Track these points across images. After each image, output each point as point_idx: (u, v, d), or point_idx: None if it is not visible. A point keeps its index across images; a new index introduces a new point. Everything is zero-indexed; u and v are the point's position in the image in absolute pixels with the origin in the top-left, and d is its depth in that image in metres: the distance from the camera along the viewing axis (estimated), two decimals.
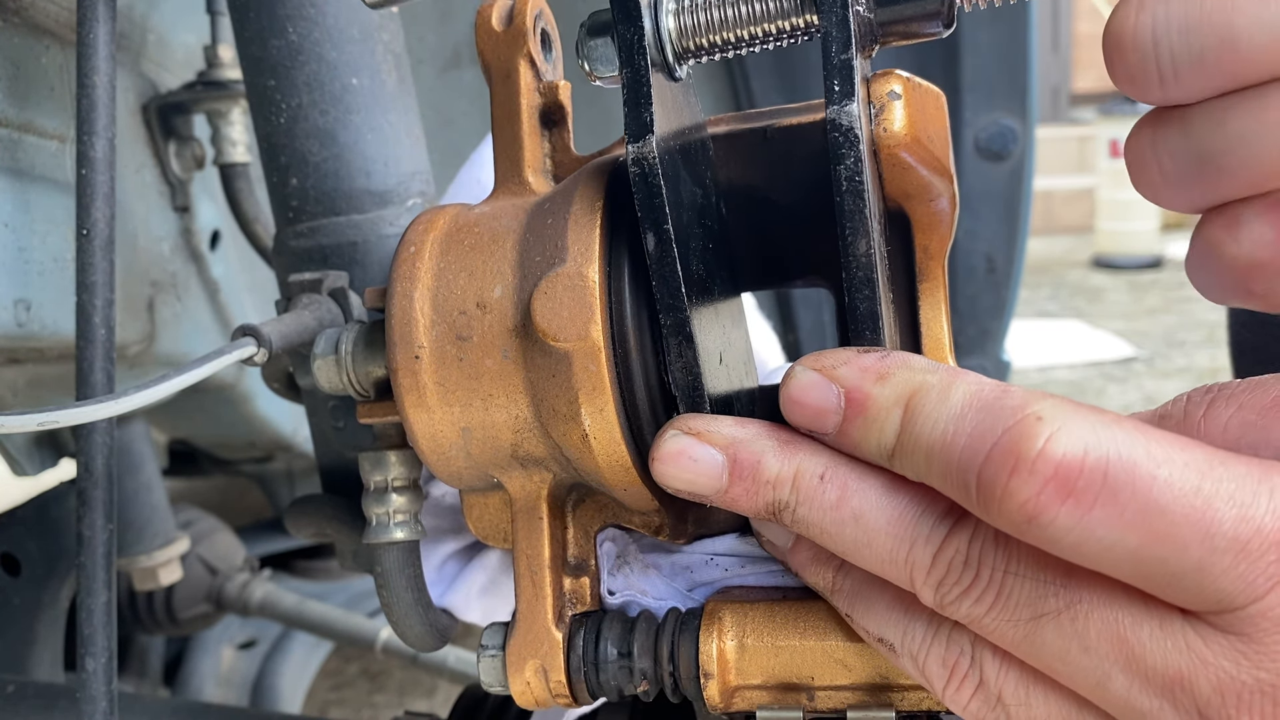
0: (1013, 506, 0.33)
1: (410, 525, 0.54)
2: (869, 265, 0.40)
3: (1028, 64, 1.35)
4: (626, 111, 0.40)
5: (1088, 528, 0.33)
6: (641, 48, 0.40)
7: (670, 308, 0.41)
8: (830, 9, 0.39)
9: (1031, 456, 0.33)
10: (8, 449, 0.99)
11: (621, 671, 0.48)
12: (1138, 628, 0.35)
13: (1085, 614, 0.35)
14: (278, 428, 1.21)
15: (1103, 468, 0.33)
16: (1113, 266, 6.48)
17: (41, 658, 1.14)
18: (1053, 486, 0.33)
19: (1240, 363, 0.87)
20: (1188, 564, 0.33)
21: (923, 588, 0.38)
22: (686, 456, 0.41)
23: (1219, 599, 0.33)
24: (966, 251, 1.41)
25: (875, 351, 0.40)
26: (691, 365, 0.42)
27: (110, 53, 0.60)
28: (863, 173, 0.39)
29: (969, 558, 0.37)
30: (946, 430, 0.36)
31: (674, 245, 0.40)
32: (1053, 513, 0.33)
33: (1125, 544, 0.33)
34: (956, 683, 0.39)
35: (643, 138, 0.40)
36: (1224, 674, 0.33)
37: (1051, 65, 9.56)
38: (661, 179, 0.40)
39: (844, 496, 0.40)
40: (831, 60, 0.39)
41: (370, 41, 0.65)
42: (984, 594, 0.37)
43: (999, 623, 0.37)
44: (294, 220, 0.66)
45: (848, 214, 0.39)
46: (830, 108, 0.39)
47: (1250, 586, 0.32)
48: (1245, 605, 0.33)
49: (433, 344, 0.45)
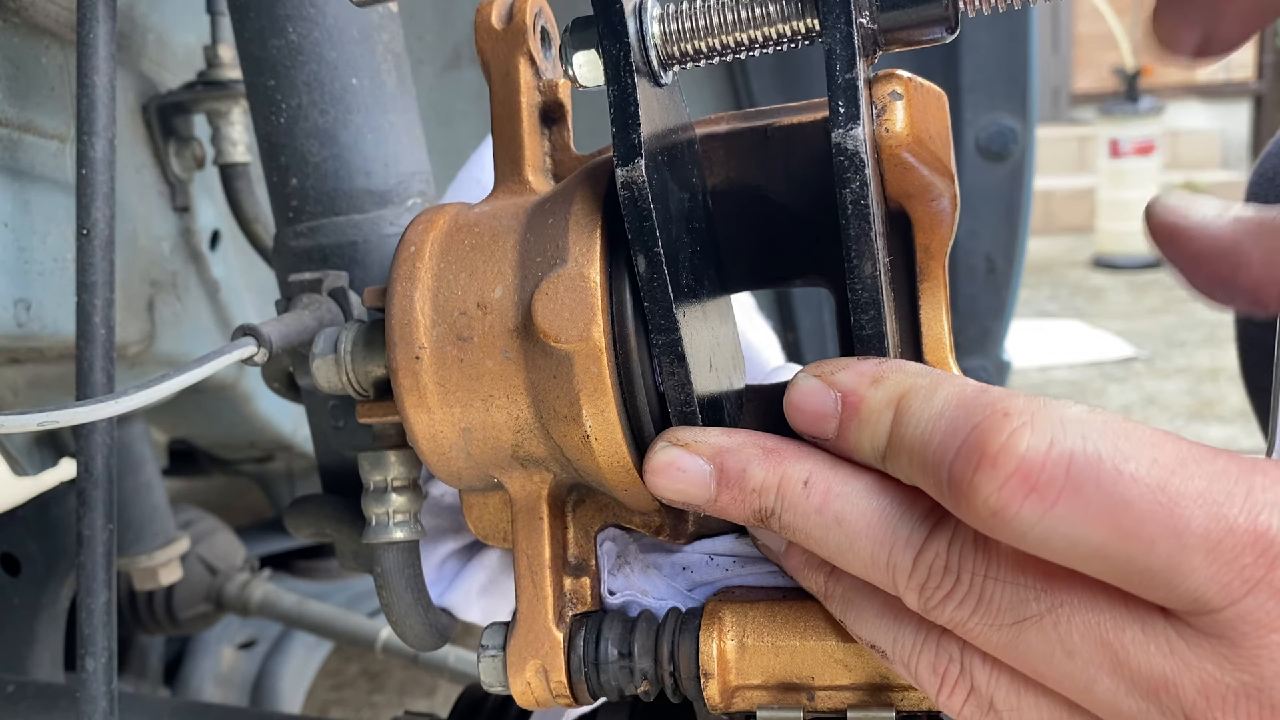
0: (978, 501, 0.34)
1: (410, 525, 0.54)
2: (875, 287, 0.40)
3: (1028, 64, 1.35)
4: (615, 132, 0.39)
5: (1052, 523, 0.33)
6: (628, 64, 0.40)
7: (662, 329, 0.41)
8: (834, 24, 0.38)
9: (995, 450, 0.33)
10: (8, 449, 0.99)
11: (622, 672, 0.48)
12: (1120, 630, 0.35)
13: (1067, 618, 0.35)
14: (278, 428, 1.21)
15: (1065, 462, 0.32)
16: (1113, 266, 6.48)
17: (41, 658, 1.14)
18: (1015, 481, 0.33)
19: (1248, 356, 0.87)
20: (1156, 562, 0.32)
21: (906, 592, 0.38)
22: (676, 468, 0.42)
23: (1195, 600, 0.33)
24: (966, 251, 1.41)
25: (874, 359, 0.41)
26: (684, 382, 0.42)
27: (110, 52, 0.60)
28: (868, 197, 0.38)
29: (949, 562, 0.37)
30: (926, 429, 0.36)
31: (665, 268, 0.40)
32: (1016, 507, 0.33)
33: (1091, 540, 0.33)
34: (949, 689, 0.40)
35: (631, 161, 0.39)
36: (1208, 676, 0.33)
37: (1051, 65, 9.56)
38: (651, 202, 0.39)
39: (826, 501, 0.40)
40: (836, 80, 0.38)
41: (370, 41, 0.65)
42: (965, 599, 0.37)
43: (982, 628, 0.37)
44: (294, 220, 0.66)
45: (853, 238, 0.39)
46: (835, 130, 0.38)
47: (1226, 589, 0.32)
48: (1223, 607, 0.32)
49: (433, 344, 0.45)
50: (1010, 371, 1.54)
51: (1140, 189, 6.39)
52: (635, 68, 0.40)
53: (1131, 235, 6.44)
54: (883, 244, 0.41)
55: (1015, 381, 4.06)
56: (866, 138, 0.38)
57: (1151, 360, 4.46)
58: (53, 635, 1.15)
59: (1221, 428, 3.56)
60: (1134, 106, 6.34)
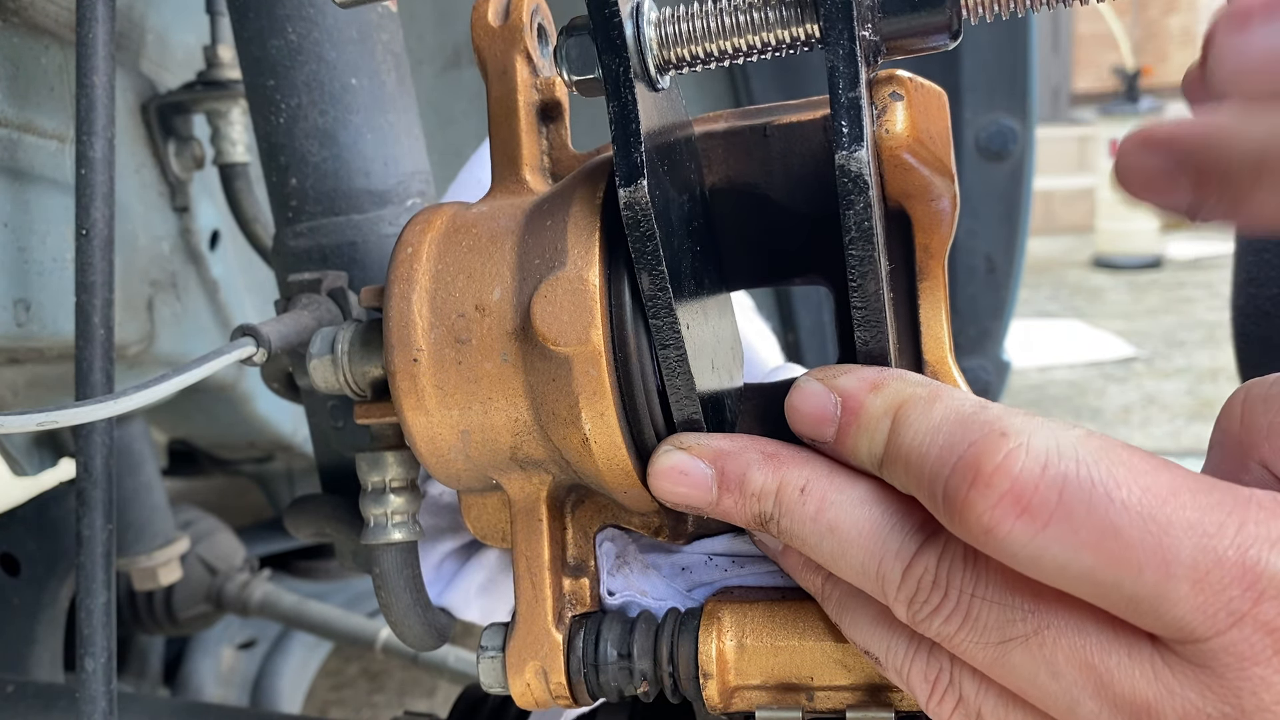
0: (971, 518, 0.34)
1: (408, 526, 0.54)
2: (879, 305, 0.40)
3: (1028, 64, 1.35)
4: (616, 149, 0.39)
5: (1043, 544, 0.33)
6: (628, 80, 0.39)
7: (667, 343, 0.41)
8: (837, 40, 0.38)
9: (990, 470, 0.33)
10: (8, 449, 0.99)
11: (621, 672, 0.48)
12: (1106, 654, 0.35)
13: (1054, 639, 0.35)
14: (277, 428, 1.21)
15: (1059, 485, 0.33)
16: (1113, 266, 6.48)
17: (41, 658, 1.14)
18: (1008, 500, 0.33)
19: (1245, 355, 0.87)
20: (1143, 589, 0.32)
21: (895, 603, 0.39)
22: (679, 471, 0.42)
23: (1180, 629, 0.33)
24: (966, 251, 1.41)
25: (876, 367, 0.41)
26: (688, 388, 0.42)
27: (110, 53, 0.60)
28: (872, 218, 0.38)
29: (937, 577, 0.37)
30: (923, 441, 0.36)
31: (669, 285, 0.40)
32: (1008, 527, 0.33)
33: (1080, 564, 0.33)
34: (938, 698, 0.40)
35: (634, 181, 0.39)
36: (1189, 705, 0.33)
37: (1051, 65, 9.56)
38: (654, 220, 0.39)
39: (822, 509, 0.40)
40: (839, 99, 0.38)
41: (369, 41, 0.65)
42: (952, 615, 0.37)
43: (968, 644, 0.37)
44: (293, 220, 0.66)
45: (858, 259, 0.39)
46: (839, 152, 0.37)
47: (1211, 619, 0.32)
48: (1208, 638, 0.32)
49: (431, 347, 0.45)
50: (1010, 371, 1.54)
51: None
52: (634, 75, 0.39)
53: (1131, 235, 6.45)
54: (883, 250, 0.41)
55: (1015, 381, 4.06)
56: (870, 158, 0.38)
57: (1151, 360, 4.46)
58: (52, 635, 1.15)
59: None
60: (1134, 106, 6.34)
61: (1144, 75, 6.65)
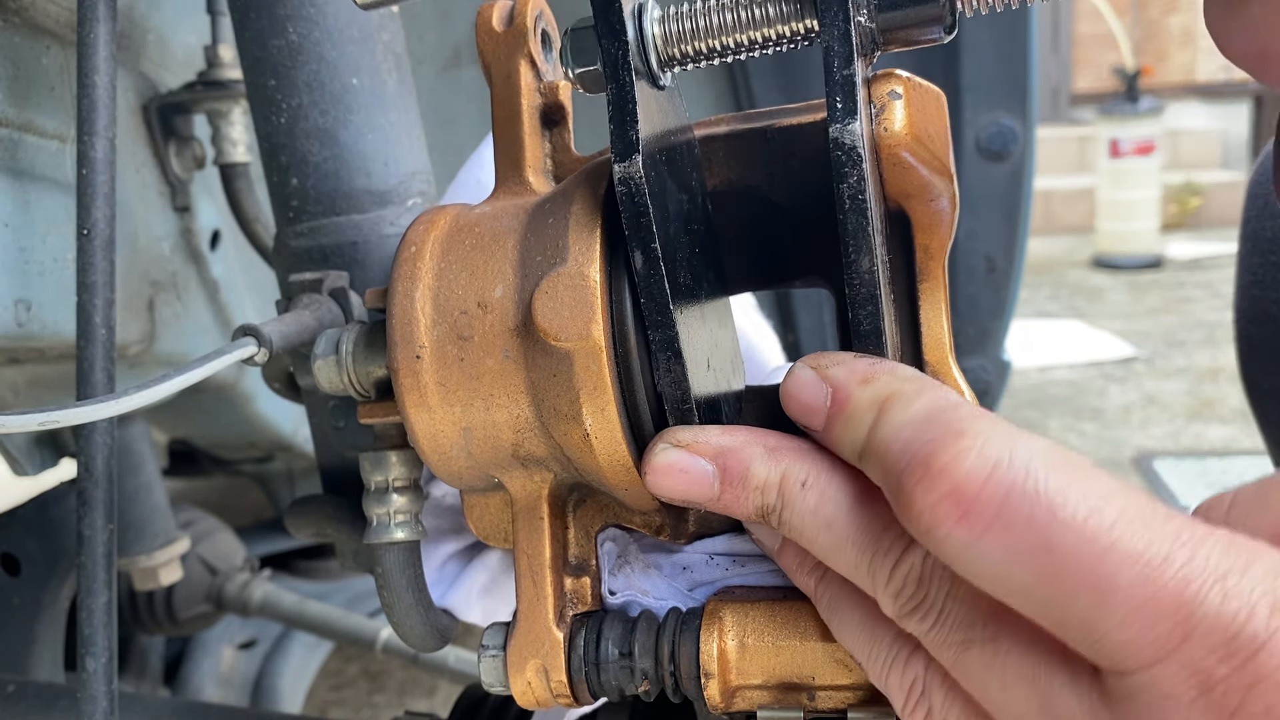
0: (913, 515, 0.34)
1: (411, 525, 0.54)
2: (872, 282, 0.40)
3: (1028, 64, 1.35)
4: (612, 129, 0.40)
5: (980, 551, 0.32)
6: (626, 63, 0.40)
7: (658, 325, 0.41)
8: (832, 22, 0.39)
9: (936, 467, 0.33)
10: (8, 449, 0.99)
11: (622, 671, 0.48)
12: (1051, 675, 0.34)
13: (1005, 650, 0.35)
14: (278, 428, 1.21)
15: (1002, 492, 0.32)
16: (1113, 266, 6.48)
17: (41, 658, 1.14)
18: (950, 501, 0.32)
19: (1248, 358, 0.87)
20: (1079, 614, 0.31)
21: (883, 597, 0.39)
22: (677, 468, 0.42)
23: (1112, 660, 0.31)
24: (966, 251, 1.41)
25: (870, 358, 0.41)
26: (680, 379, 0.42)
27: (110, 53, 0.60)
28: (865, 191, 0.39)
29: (921, 575, 0.37)
30: (893, 434, 0.36)
31: (661, 264, 0.40)
32: (946, 529, 0.33)
33: (1016, 578, 0.32)
34: (911, 705, 0.40)
35: (629, 157, 0.39)
36: None
37: (1051, 65, 9.56)
38: (648, 198, 0.39)
39: (820, 503, 0.40)
40: (834, 76, 0.39)
41: (370, 41, 0.65)
42: (928, 612, 0.37)
43: (937, 643, 0.37)
44: (294, 220, 0.66)
45: (851, 232, 0.39)
46: (833, 125, 0.38)
47: (1138, 651, 0.30)
48: (1134, 671, 0.31)
49: (434, 344, 0.45)
50: (1010, 372, 1.54)
51: (1140, 189, 6.39)
52: (634, 69, 0.40)
53: (1131, 235, 6.45)
54: (881, 241, 0.41)
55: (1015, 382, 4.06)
56: (864, 134, 0.39)
57: (1151, 360, 4.46)
58: (53, 635, 1.15)
59: (1221, 428, 3.56)
60: (1134, 106, 6.34)
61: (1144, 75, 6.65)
